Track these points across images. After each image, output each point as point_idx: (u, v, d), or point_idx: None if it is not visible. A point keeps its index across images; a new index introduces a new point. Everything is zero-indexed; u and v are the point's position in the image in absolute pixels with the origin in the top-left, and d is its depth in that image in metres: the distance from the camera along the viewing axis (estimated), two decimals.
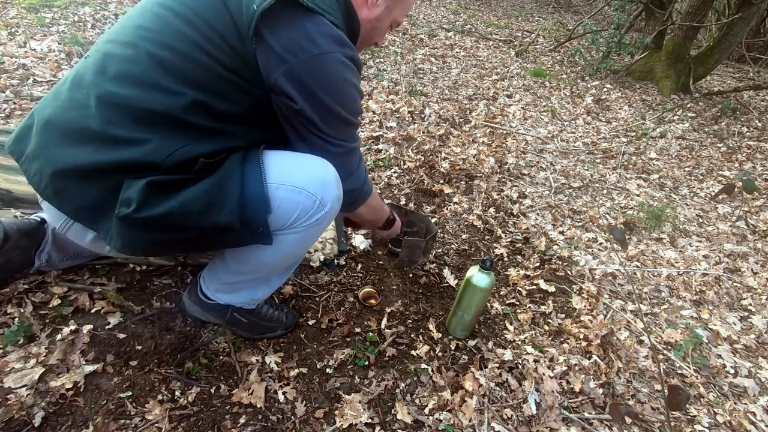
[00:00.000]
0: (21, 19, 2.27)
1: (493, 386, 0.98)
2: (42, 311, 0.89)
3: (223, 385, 0.86)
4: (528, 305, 1.26)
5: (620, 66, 3.92)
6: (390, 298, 1.18)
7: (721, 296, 1.48)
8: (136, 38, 0.65)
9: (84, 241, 0.74)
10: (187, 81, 0.63)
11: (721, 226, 1.90)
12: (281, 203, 0.69)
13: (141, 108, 0.63)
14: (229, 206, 0.64)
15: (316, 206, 0.71)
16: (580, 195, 1.95)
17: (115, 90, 0.63)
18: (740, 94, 3.56)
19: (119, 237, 0.64)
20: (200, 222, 0.64)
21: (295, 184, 0.69)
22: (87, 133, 0.64)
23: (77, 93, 0.66)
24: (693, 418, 1.03)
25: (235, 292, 0.87)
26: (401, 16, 0.82)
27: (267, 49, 0.63)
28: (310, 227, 0.73)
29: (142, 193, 0.61)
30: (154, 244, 0.67)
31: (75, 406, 0.77)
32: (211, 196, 0.63)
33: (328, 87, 0.66)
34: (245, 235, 0.68)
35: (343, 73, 0.67)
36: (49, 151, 0.65)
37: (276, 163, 0.70)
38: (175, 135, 0.64)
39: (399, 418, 0.88)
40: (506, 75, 3.36)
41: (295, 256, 0.84)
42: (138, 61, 0.63)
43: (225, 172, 0.65)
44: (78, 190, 0.65)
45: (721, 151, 2.69)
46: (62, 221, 0.73)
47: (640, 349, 1.18)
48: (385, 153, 1.89)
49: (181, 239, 0.67)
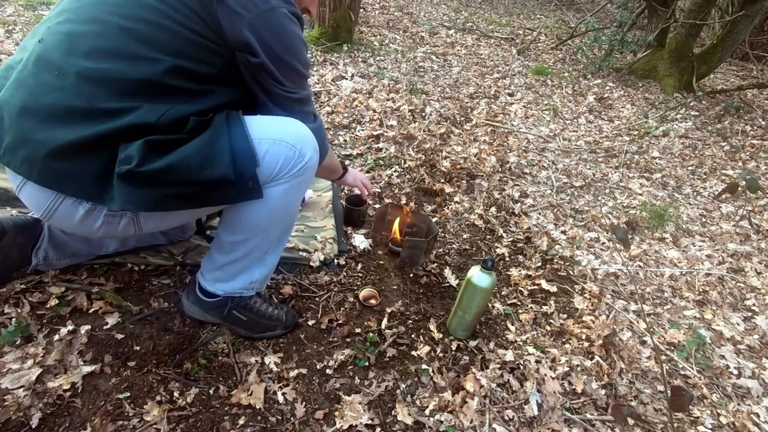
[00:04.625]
0: (18, 16, 2.27)
1: (495, 387, 0.98)
2: (39, 311, 0.88)
3: (222, 386, 0.86)
4: (529, 305, 1.25)
5: (623, 64, 3.89)
6: (390, 298, 1.18)
7: (725, 296, 1.47)
8: (101, 14, 0.66)
9: (74, 219, 0.72)
10: (161, 48, 0.66)
11: (725, 226, 1.89)
12: (265, 155, 0.74)
13: (123, 79, 0.64)
14: (223, 160, 0.68)
15: (296, 156, 0.76)
16: (582, 194, 1.94)
17: (92, 65, 0.64)
18: (744, 92, 3.53)
19: (121, 195, 0.65)
20: (198, 175, 0.67)
21: (275, 137, 0.75)
22: (74, 111, 0.64)
23: (47, 76, 0.65)
24: (696, 420, 1.02)
25: (233, 278, 0.87)
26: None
27: (226, 8, 0.68)
28: (293, 177, 0.78)
29: (142, 150, 0.63)
30: (155, 199, 0.68)
31: (73, 407, 0.76)
32: (206, 151, 0.67)
33: (280, 40, 0.72)
34: (238, 191, 0.72)
35: (291, 27, 0.73)
36: (37, 136, 0.64)
37: (255, 121, 0.75)
38: (161, 99, 0.67)
39: (399, 420, 0.87)
40: (508, 73, 3.34)
41: (284, 215, 0.85)
42: (109, 35, 0.65)
43: (214, 130, 0.69)
44: (77, 167, 0.65)
45: (725, 150, 2.67)
46: (46, 207, 0.70)
47: (643, 350, 1.17)
48: (385, 152, 1.87)
49: (181, 194, 0.69)
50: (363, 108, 2.22)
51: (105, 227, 0.73)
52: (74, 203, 0.69)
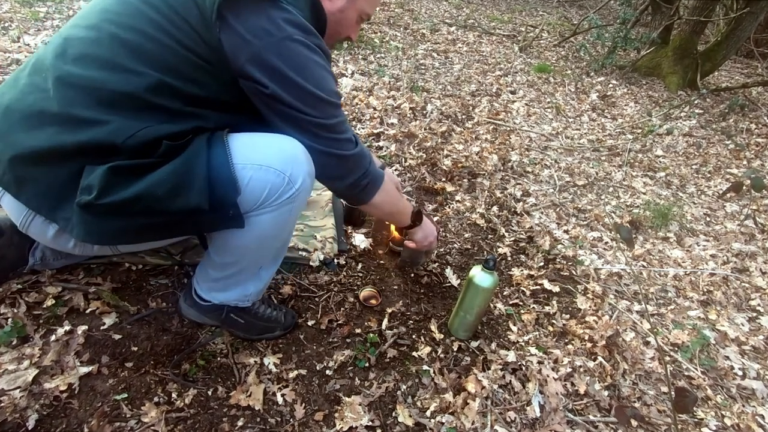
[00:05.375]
0: (14, 13, 2.25)
1: (496, 388, 0.97)
2: (36, 311, 0.88)
3: (221, 387, 0.85)
4: (532, 306, 1.24)
5: (626, 62, 3.86)
6: (391, 298, 1.17)
7: (729, 297, 1.46)
8: (100, 21, 0.65)
9: (46, 237, 0.71)
10: (152, 62, 0.62)
11: (729, 225, 1.87)
12: (249, 182, 0.67)
13: (102, 89, 0.62)
14: (197, 188, 0.62)
15: (285, 183, 0.69)
16: (585, 193, 1.92)
17: (75, 71, 0.62)
18: (748, 90, 3.51)
19: (81, 225, 0.62)
20: (168, 206, 0.62)
21: (261, 162, 0.68)
22: (47, 115, 0.62)
23: (36, 77, 0.64)
24: (700, 421, 1.01)
25: (227, 289, 0.85)
26: (370, 8, 0.80)
27: (232, 32, 0.63)
28: (283, 205, 0.72)
29: (104, 178, 0.59)
30: (118, 232, 0.64)
31: (69, 409, 0.76)
32: (177, 178, 0.61)
33: (296, 67, 0.65)
34: (216, 219, 0.67)
35: (309, 55, 0.66)
36: (8, 137, 0.63)
37: (241, 143, 0.69)
38: (138, 116, 0.63)
39: (400, 421, 0.86)
40: (510, 71, 3.32)
41: (275, 240, 0.80)
42: (100, 43, 0.63)
43: (191, 154, 0.63)
44: (37, 176, 0.63)
45: (729, 149, 2.65)
46: (23, 216, 0.69)
47: (647, 351, 1.16)
48: (386, 150, 1.86)
49: (148, 225, 0.65)
50: (363, 106, 2.21)
51: (80, 247, 0.72)
52: (45, 221, 0.67)
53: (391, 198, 0.91)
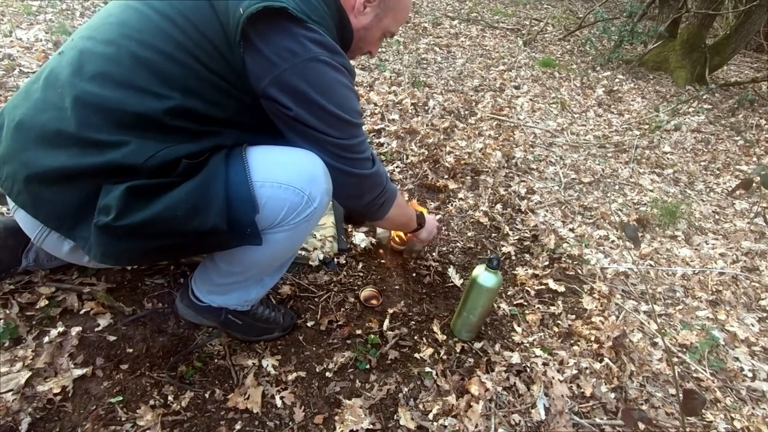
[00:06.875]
0: (6, 7, 2.23)
1: (500, 390, 0.95)
2: (29, 312, 0.86)
3: (218, 390, 0.83)
4: (536, 306, 1.22)
5: (633, 56, 3.80)
6: (392, 298, 1.15)
7: (739, 296, 1.43)
8: (118, 36, 0.62)
9: (61, 252, 0.72)
10: (172, 84, 0.61)
11: (739, 223, 1.84)
12: (268, 201, 0.66)
13: (121, 110, 0.60)
14: (215, 209, 0.61)
15: (304, 202, 0.69)
16: (590, 191, 1.89)
17: (94, 90, 0.60)
18: (758, 84, 3.44)
19: (99, 246, 0.61)
20: (185, 227, 0.61)
21: (281, 180, 0.67)
22: (63, 136, 0.60)
23: (51, 93, 0.62)
24: (709, 424, 0.99)
25: (227, 293, 0.84)
26: (394, 26, 0.80)
27: (256, 53, 0.61)
28: (300, 224, 0.71)
29: (122, 199, 0.58)
30: (137, 253, 0.64)
31: (63, 412, 0.74)
32: (195, 199, 0.60)
33: (320, 89, 0.64)
34: (233, 238, 0.65)
35: (334, 75, 0.66)
36: (22, 155, 0.62)
37: (260, 159, 0.67)
38: (157, 137, 0.61)
39: (402, 424, 0.85)
40: (514, 65, 3.27)
41: (286, 254, 0.81)
42: (119, 61, 0.61)
43: (208, 173, 0.62)
44: (54, 196, 0.62)
45: (738, 145, 2.61)
46: (37, 231, 0.69)
47: (654, 352, 1.14)
48: (387, 147, 1.83)
49: (166, 246, 0.64)
50: (364, 101, 2.18)
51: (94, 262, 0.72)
52: (60, 237, 0.67)
53: (403, 210, 0.93)
